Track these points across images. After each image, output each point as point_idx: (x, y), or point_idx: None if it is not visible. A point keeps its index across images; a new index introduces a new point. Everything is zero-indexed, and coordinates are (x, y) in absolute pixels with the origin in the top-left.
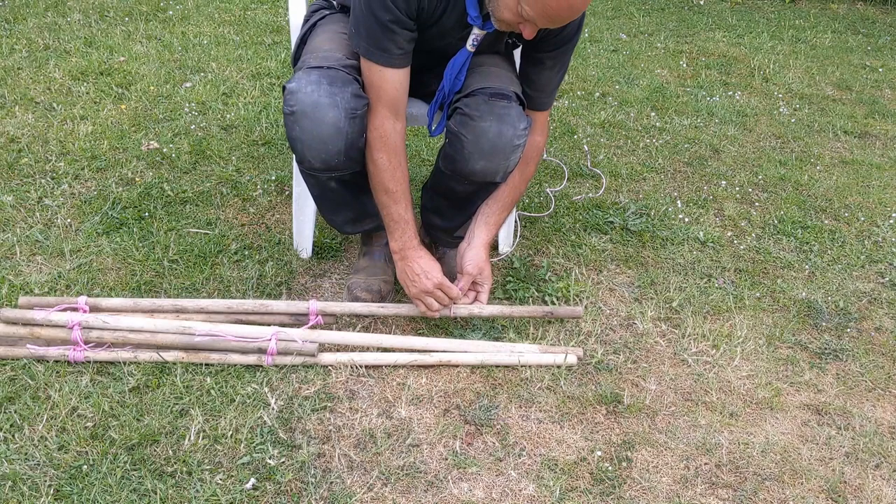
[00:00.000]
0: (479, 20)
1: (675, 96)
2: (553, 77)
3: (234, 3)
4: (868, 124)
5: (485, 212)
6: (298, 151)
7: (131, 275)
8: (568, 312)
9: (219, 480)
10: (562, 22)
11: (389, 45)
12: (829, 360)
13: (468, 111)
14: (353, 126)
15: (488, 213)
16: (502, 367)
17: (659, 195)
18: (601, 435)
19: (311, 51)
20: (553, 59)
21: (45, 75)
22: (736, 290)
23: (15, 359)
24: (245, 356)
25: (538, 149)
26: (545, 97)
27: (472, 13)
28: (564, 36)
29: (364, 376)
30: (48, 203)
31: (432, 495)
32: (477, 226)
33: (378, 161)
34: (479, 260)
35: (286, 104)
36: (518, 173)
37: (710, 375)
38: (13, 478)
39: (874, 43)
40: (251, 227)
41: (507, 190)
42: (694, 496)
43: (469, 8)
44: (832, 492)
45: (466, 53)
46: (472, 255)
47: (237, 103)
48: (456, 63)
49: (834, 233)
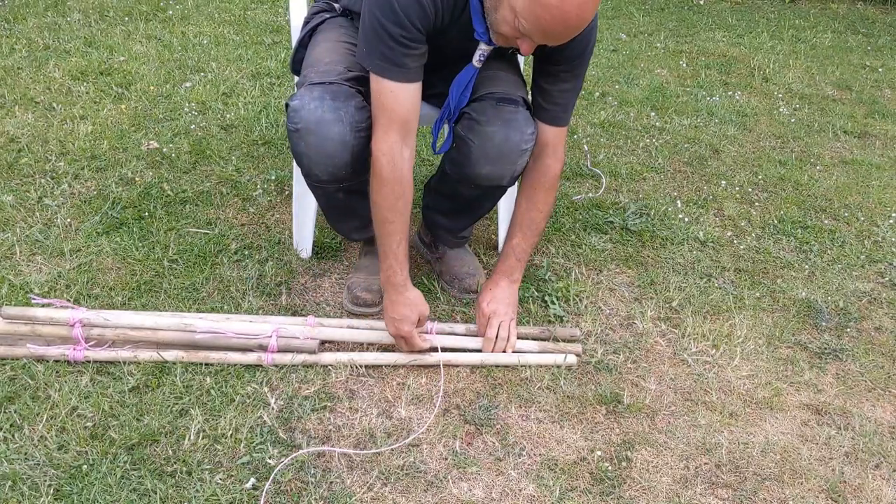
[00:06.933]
0: (485, 35)
1: (675, 96)
2: (568, 90)
3: (234, 2)
4: (868, 124)
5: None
6: (305, 166)
7: (131, 275)
8: (566, 335)
9: (219, 480)
10: (559, 39)
11: (405, 61)
12: (829, 360)
13: (475, 116)
14: (358, 139)
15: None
16: (502, 366)
17: (659, 195)
18: (601, 435)
19: (312, 64)
20: (567, 72)
21: (45, 75)
22: (736, 290)
23: (15, 358)
24: (245, 355)
25: (554, 177)
26: (561, 112)
27: (478, 29)
28: (572, 52)
29: (364, 376)
30: (48, 203)
31: (432, 495)
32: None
33: (383, 192)
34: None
35: (290, 121)
36: (536, 210)
37: (710, 375)
38: (13, 478)
39: (874, 43)
40: (251, 227)
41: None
42: (694, 496)
43: (475, 24)
44: (832, 492)
45: (473, 70)
46: (487, 296)
47: (237, 103)
48: (462, 80)
49: (834, 233)
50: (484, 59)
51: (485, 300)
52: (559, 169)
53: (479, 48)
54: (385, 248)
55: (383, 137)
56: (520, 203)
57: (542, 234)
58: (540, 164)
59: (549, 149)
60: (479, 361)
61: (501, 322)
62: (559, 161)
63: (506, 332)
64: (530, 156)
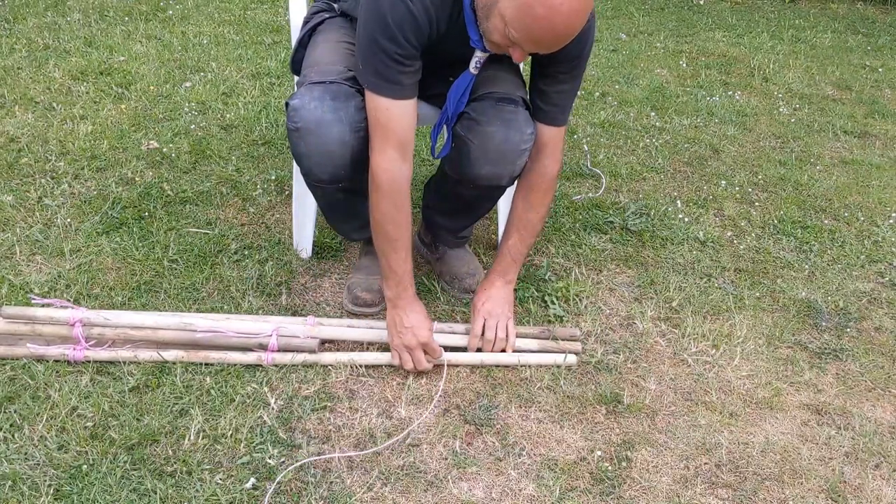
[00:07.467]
0: (479, 43)
1: (675, 96)
2: (566, 90)
3: (234, 2)
4: (868, 124)
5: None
6: (304, 166)
7: (131, 274)
8: (566, 335)
9: (219, 480)
10: (549, 47)
11: (399, 77)
12: (829, 360)
13: (475, 115)
14: (358, 139)
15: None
16: (502, 366)
17: (659, 195)
18: (601, 435)
19: (312, 64)
20: (564, 73)
21: (45, 75)
22: (736, 290)
23: (15, 358)
24: (245, 355)
25: (552, 178)
26: (559, 112)
27: (473, 36)
28: (570, 53)
29: (364, 376)
30: (48, 203)
31: (432, 495)
32: (496, 262)
33: (383, 207)
34: (487, 300)
35: (290, 121)
36: (533, 211)
37: (710, 375)
38: (13, 478)
39: (874, 43)
40: (251, 227)
41: (528, 232)
42: (694, 496)
43: (470, 31)
44: (832, 492)
45: (470, 77)
46: (482, 297)
47: (237, 103)
48: (459, 86)
49: (834, 233)
50: (480, 65)
51: (480, 300)
52: (557, 170)
53: (475, 55)
54: (392, 265)
55: (381, 155)
56: (516, 204)
57: (538, 235)
58: (538, 165)
59: (546, 149)
60: (479, 361)
61: (498, 322)
62: (557, 162)
63: (503, 332)
64: (529, 155)
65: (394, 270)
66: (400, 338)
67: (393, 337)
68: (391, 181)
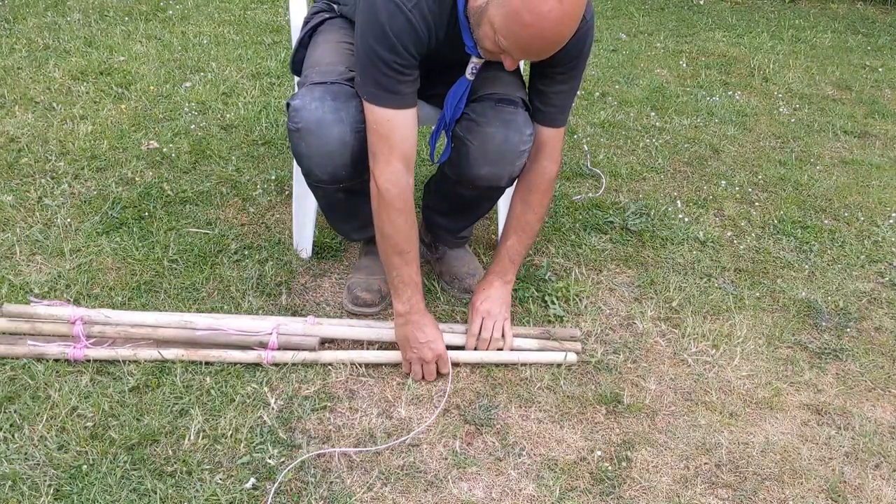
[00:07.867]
0: (474, 49)
1: (675, 96)
2: (565, 91)
3: (234, 2)
4: (868, 124)
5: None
6: (305, 166)
7: (131, 274)
8: (566, 335)
9: (219, 480)
10: (538, 55)
11: (399, 87)
12: (829, 360)
13: (474, 116)
14: (358, 139)
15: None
16: (502, 366)
17: (659, 195)
18: (601, 435)
19: (313, 64)
20: (563, 73)
21: (45, 75)
22: (736, 290)
23: (15, 358)
24: (245, 353)
25: (550, 180)
26: (558, 113)
27: (468, 43)
28: (568, 54)
29: (364, 376)
30: (48, 203)
31: (432, 495)
32: (494, 262)
33: (396, 222)
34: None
35: (291, 121)
36: (532, 212)
37: (710, 375)
38: (13, 477)
39: (874, 43)
40: (251, 227)
41: (526, 233)
42: (694, 496)
43: (465, 38)
44: (832, 492)
45: (466, 83)
46: (481, 296)
47: (237, 103)
48: (456, 92)
49: (834, 233)
50: (476, 71)
51: (479, 300)
52: (556, 171)
53: (471, 61)
54: (404, 278)
55: (387, 167)
56: (515, 205)
57: (536, 236)
58: (536, 166)
59: (545, 150)
60: (479, 359)
61: (495, 322)
62: (556, 163)
63: (500, 332)
64: (528, 156)
65: (405, 282)
66: (414, 352)
67: (406, 350)
68: (401, 196)
